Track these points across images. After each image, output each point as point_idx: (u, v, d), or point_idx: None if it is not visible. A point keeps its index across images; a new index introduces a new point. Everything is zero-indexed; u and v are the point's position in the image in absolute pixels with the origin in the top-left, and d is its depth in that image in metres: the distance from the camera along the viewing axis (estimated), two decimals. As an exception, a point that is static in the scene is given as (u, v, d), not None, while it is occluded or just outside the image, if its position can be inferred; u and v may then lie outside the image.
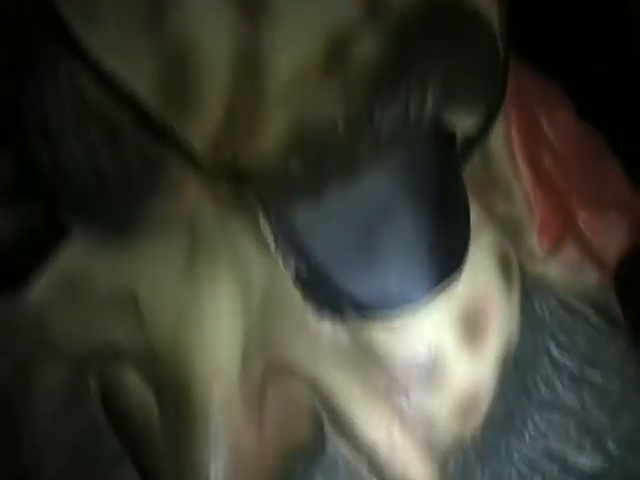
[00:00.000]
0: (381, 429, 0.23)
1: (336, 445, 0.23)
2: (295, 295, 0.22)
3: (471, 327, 0.24)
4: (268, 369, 0.22)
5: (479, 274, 0.24)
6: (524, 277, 0.26)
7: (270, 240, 0.22)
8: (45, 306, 0.23)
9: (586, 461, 0.27)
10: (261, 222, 0.22)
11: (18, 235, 0.23)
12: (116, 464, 0.23)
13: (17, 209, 0.23)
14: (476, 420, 0.24)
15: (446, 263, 0.23)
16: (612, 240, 0.29)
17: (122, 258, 0.22)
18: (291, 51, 0.21)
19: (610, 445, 0.27)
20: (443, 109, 0.23)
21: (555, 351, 0.27)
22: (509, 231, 0.26)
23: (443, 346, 0.24)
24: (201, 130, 0.21)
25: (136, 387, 0.22)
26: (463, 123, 0.24)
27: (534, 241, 0.27)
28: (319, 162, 0.21)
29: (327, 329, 0.23)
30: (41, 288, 0.23)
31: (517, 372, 0.25)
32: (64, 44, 0.21)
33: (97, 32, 0.20)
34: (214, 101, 0.21)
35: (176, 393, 0.21)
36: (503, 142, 0.27)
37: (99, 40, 0.21)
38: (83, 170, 0.21)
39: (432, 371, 0.24)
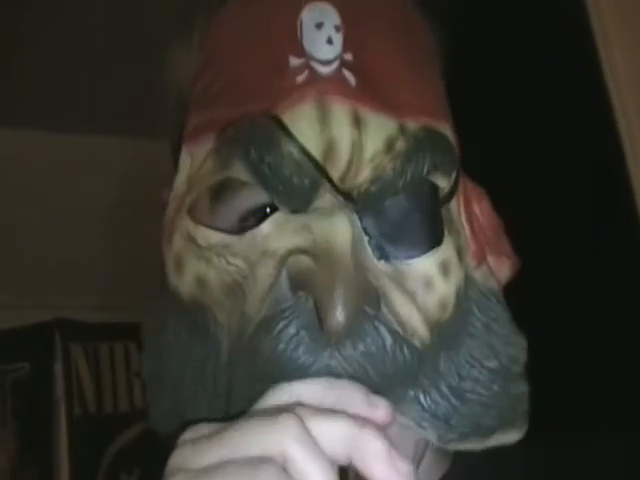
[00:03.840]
0: (405, 307, 0.53)
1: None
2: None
3: (446, 271, 0.55)
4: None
5: (448, 247, 0.56)
6: (465, 268, 0.57)
7: (357, 218, 0.54)
8: (271, 235, 0.54)
9: (490, 363, 0.57)
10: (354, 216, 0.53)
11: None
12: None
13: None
14: (446, 315, 0.55)
15: (433, 242, 0.55)
16: (502, 269, 0.60)
17: (304, 219, 0.54)
18: (371, 145, 0.53)
19: (501, 358, 0.57)
20: (432, 174, 0.55)
21: (475, 310, 0.57)
22: (459, 249, 0.57)
23: (433, 274, 0.55)
24: (335, 171, 0.53)
25: (308, 262, 0.51)
26: (441, 184, 0.56)
27: (470, 259, 0.58)
28: (381, 191, 0.54)
29: (382, 263, 0.54)
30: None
31: (459, 309, 0.56)
32: None
33: None
34: (343, 160, 0.53)
35: (326, 257, 0.51)
36: (457, 211, 0.58)
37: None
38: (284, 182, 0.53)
39: (429, 284, 0.54)
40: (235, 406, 0.52)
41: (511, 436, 0.57)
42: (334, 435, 0.45)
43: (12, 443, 1.93)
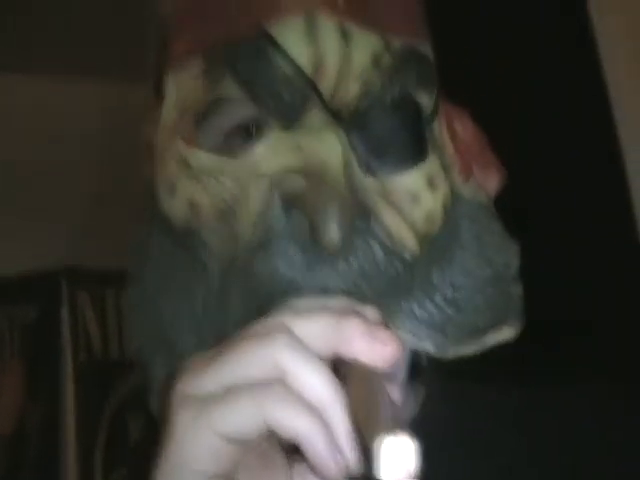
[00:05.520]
0: (395, 219, 0.54)
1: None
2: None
3: (432, 185, 0.56)
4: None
5: (433, 162, 0.56)
6: (452, 185, 0.58)
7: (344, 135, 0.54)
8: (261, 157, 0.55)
9: (483, 272, 0.58)
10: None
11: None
12: None
13: None
14: (434, 229, 0.56)
15: (418, 157, 0.56)
16: (490, 182, 0.60)
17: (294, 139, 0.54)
18: (359, 60, 0.53)
19: (494, 266, 0.58)
20: (416, 91, 0.56)
21: (465, 223, 0.58)
22: (443, 166, 0.57)
23: (419, 188, 0.55)
24: (325, 86, 0.53)
25: (300, 181, 0.53)
26: (424, 103, 0.57)
27: (456, 176, 0.59)
28: (369, 106, 0.54)
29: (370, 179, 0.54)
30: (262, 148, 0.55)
31: (448, 224, 0.57)
32: None
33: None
34: (332, 74, 0.53)
35: (318, 176, 0.52)
36: (439, 132, 0.59)
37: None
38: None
39: (416, 198, 0.55)
40: (231, 327, 0.52)
41: (505, 333, 0.58)
42: (317, 334, 0.46)
43: (21, 378, 1.95)
